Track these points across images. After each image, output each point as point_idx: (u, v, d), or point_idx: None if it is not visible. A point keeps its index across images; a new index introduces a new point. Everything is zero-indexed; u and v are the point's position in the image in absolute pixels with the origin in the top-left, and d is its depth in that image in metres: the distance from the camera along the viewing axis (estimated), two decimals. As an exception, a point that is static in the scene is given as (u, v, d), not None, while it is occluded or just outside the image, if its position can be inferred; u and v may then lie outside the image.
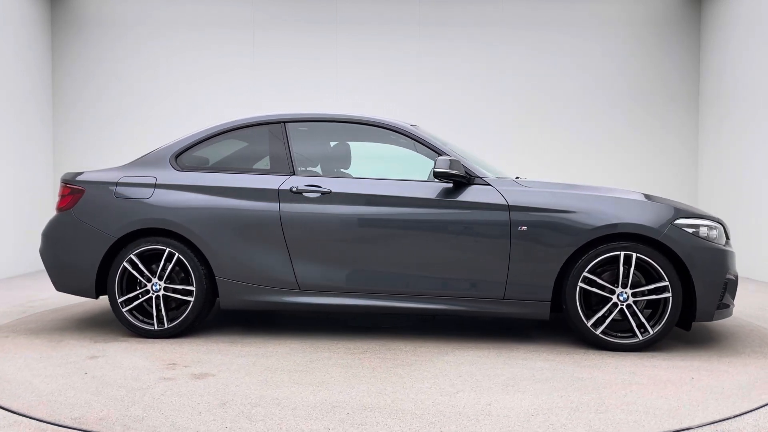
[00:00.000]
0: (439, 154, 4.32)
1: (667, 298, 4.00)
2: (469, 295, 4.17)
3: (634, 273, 4.06)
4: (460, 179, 4.16)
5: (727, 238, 4.39)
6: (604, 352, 4.02)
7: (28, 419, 2.79)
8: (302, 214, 4.28)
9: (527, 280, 4.11)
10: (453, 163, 4.11)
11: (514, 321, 4.94)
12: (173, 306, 4.49)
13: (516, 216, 4.11)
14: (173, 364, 3.73)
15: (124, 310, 4.40)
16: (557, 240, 4.06)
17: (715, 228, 4.20)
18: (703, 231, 4.09)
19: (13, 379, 3.44)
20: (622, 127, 8.81)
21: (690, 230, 4.05)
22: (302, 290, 4.30)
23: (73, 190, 4.59)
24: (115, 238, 4.40)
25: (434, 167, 4.10)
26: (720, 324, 4.96)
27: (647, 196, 4.27)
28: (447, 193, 4.21)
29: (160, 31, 8.56)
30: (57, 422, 2.77)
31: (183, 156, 4.59)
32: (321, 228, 4.27)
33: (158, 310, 4.38)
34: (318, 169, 4.62)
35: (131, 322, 4.40)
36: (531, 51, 8.75)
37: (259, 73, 8.54)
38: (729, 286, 4.29)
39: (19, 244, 7.95)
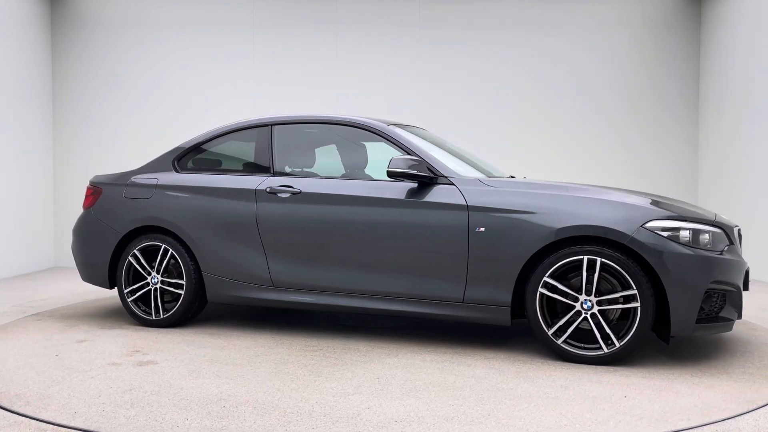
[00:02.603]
0: (409, 154, 4.26)
1: (636, 308, 3.65)
2: (430, 297, 4.07)
3: (607, 279, 3.75)
4: (421, 179, 4.08)
5: (731, 243, 3.90)
6: (560, 364, 3.75)
7: (29, 419, 2.83)
8: (275, 214, 4.43)
9: (486, 284, 3.93)
10: (412, 162, 4.03)
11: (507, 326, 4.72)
12: (175, 298, 4.82)
13: (475, 217, 3.95)
14: (137, 351, 4.04)
15: (129, 300, 4.82)
16: (516, 242, 3.85)
17: (707, 232, 3.76)
18: (684, 235, 3.68)
19: (-4, 356, 3.93)
20: (623, 127, 8.53)
21: (665, 234, 3.65)
22: (276, 287, 4.45)
23: (94, 191, 5.09)
24: (122, 234, 4.83)
25: (387, 167, 4.06)
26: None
27: (656, 202, 3.86)
28: (412, 193, 4.14)
29: (161, 31, 8.58)
30: (57, 422, 2.79)
31: (183, 159, 4.92)
32: (291, 227, 4.38)
33: (155, 302, 4.74)
34: (300, 170, 4.73)
35: (134, 312, 4.80)
36: (531, 51, 8.56)
37: (259, 73, 8.55)
38: (729, 298, 3.83)
39: (19, 245, 7.84)
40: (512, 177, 4.80)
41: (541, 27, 8.54)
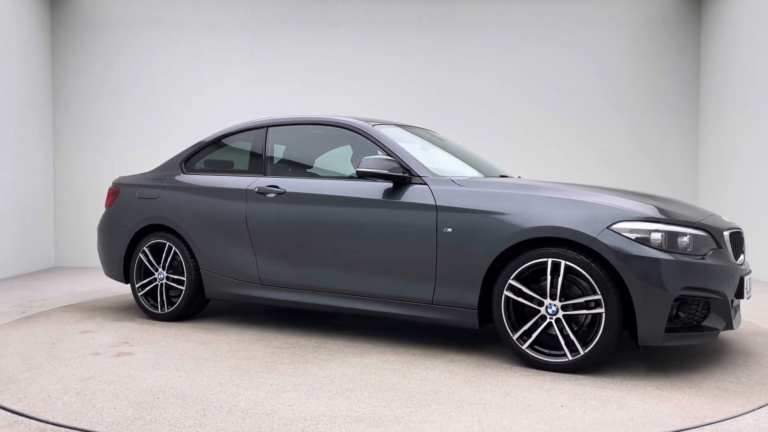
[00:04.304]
0: (388, 153, 4.24)
1: (601, 314, 3.46)
2: (402, 298, 4.04)
3: (577, 284, 3.59)
4: (394, 179, 4.06)
5: (718, 247, 3.62)
6: (523, 370, 3.62)
7: (28, 419, 2.84)
8: (262, 213, 4.54)
9: (453, 286, 3.86)
10: (384, 162, 4.02)
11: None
12: (180, 293, 5.02)
13: (443, 217, 3.89)
14: (125, 342, 4.28)
15: (139, 294, 5.09)
16: (481, 243, 3.75)
17: (686, 235, 3.51)
18: (655, 237, 3.45)
19: (2, 341, 4.28)
20: (623, 127, 8.60)
21: (633, 236, 3.44)
22: (263, 285, 4.56)
23: (114, 191, 5.41)
24: (133, 232, 5.11)
25: (357, 166, 4.07)
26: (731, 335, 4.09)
27: (661, 210, 3.59)
28: (388, 193, 4.13)
29: (160, 32, 8.56)
30: (58, 422, 2.79)
31: (190, 160, 5.13)
32: (276, 226, 4.48)
33: (161, 296, 4.98)
34: (290, 170, 4.80)
35: (143, 305, 5.07)
36: (531, 52, 8.57)
37: (259, 74, 8.50)
38: (714, 307, 3.56)
39: (18, 244, 7.82)
40: (503, 176, 4.67)
41: (542, 27, 8.56)
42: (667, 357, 3.91)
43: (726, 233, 3.74)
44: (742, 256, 3.97)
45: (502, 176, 4.67)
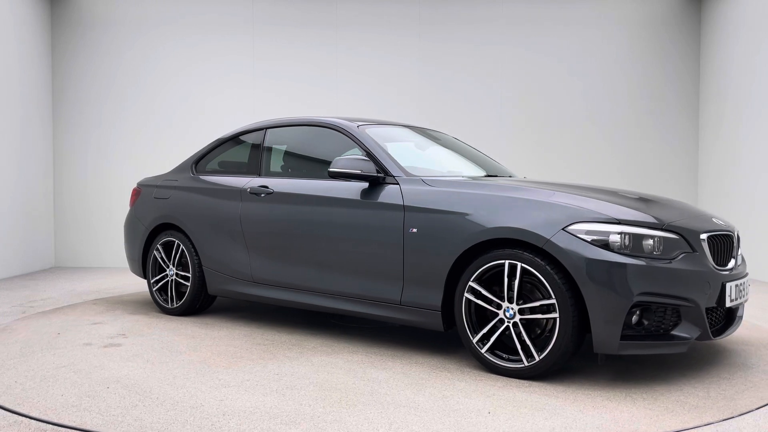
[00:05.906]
0: (368, 154, 4.24)
1: (555, 319, 3.32)
2: (374, 298, 4.04)
3: (537, 287, 3.46)
4: (365, 179, 4.06)
5: (692, 251, 3.39)
6: (479, 375, 3.53)
7: (28, 419, 2.85)
8: (254, 213, 4.67)
9: (418, 287, 3.82)
10: (357, 162, 4.04)
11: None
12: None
13: (409, 217, 3.85)
14: (122, 335, 4.52)
15: (153, 289, 5.36)
16: (442, 244, 3.70)
17: (652, 238, 3.31)
18: (614, 239, 3.27)
19: (16, 328, 4.63)
20: (623, 127, 8.60)
21: (588, 238, 3.28)
22: (255, 282, 4.69)
23: (137, 191, 5.72)
24: (149, 231, 5.39)
25: (329, 167, 4.10)
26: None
27: (629, 210, 3.41)
28: (364, 194, 4.13)
29: (161, 32, 8.56)
30: (58, 422, 2.80)
31: (200, 162, 5.35)
32: (265, 226, 4.60)
33: (171, 292, 5.23)
34: (287, 170, 4.90)
35: (156, 300, 5.33)
36: (532, 51, 8.52)
37: (259, 74, 8.48)
38: (685, 314, 3.33)
39: (18, 244, 7.81)
40: (489, 176, 4.56)
41: (542, 27, 8.51)
42: (648, 366, 3.69)
43: (704, 236, 3.49)
44: (732, 261, 3.68)
45: (488, 176, 4.56)
